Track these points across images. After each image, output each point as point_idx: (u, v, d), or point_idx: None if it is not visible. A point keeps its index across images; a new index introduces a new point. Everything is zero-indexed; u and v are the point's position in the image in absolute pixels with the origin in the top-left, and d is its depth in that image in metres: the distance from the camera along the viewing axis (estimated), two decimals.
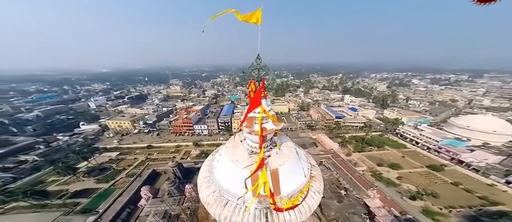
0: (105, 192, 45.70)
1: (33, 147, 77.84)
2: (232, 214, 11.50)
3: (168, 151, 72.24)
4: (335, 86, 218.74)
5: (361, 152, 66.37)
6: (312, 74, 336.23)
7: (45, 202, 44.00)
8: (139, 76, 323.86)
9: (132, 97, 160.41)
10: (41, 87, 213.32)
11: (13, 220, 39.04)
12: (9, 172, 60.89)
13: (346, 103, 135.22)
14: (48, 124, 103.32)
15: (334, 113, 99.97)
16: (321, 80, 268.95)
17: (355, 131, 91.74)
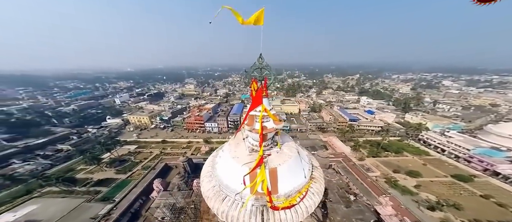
0: (122, 183, 49.38)
1: (68, 137, 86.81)
2: (229, 208, 11.86)
3: (180, 146, 75.27)
4: (350, 88, 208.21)
5: (375, 157, 62.82)
6: (326, 75, 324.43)
7: (73, 189, 48.89)
8: (158, 75, 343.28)
9: (151, 94, 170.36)
10: (78, 84, 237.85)
11: (46, 203, 43.87)
12: (48, 159, 68.70)
13: (362, 106, 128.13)
14: (81, 117, 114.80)
15: (348, 115, 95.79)
16: (335, 81, 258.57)
17: (371, 135, 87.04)
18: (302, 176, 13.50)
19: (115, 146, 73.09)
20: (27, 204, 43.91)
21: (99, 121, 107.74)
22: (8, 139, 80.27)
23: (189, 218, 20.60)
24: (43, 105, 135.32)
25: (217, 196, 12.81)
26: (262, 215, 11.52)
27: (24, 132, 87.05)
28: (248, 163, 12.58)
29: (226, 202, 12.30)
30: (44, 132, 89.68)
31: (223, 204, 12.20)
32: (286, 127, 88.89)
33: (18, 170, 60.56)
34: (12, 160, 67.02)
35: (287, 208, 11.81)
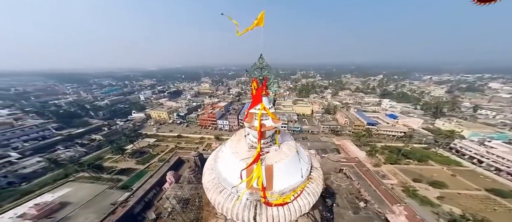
0: (140, 173, 53.89)
1: (101, 128, 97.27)
2: (225, 200, 12.51)
3: (193, 141, 79.20)
4: (371, 89, 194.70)
5: (394, 164, 58.49)
6: (345, 75, 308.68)
7: (100, 175, 54.71)
8: (177, 74, 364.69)
9: (171, 92, 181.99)
10: (111, 82, 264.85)
11: (78, 187, 49.57)
12: (84, 147, 77.79)
13: (384, 109, 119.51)
14: (112, 111, 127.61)
15: (366, 119, 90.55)
16: (354, 82, 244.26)
17: (391, 140, 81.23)
18: (299, 176, 13.60)
19: (137, 138, 79.85)
20: (63, 187, 50.04)
21: (126, 115, 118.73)
22: (57, 128, 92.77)
23: (194, 209, 21.89)
24: (84, 100, 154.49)
25: (215, 188, 13.56)
26: (255, 209, 11.95)
27: (68, 122, 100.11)
28: (246, 158, 13.08)
29: (223, 194, 12.97)
30: (83, 123, 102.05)
31: (220, 196, 12.88)
32: (297, 128, 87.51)
33: (61, 156, 69.39)
34: (58, 146, 77.34)
35: (280, 205, 12.06)
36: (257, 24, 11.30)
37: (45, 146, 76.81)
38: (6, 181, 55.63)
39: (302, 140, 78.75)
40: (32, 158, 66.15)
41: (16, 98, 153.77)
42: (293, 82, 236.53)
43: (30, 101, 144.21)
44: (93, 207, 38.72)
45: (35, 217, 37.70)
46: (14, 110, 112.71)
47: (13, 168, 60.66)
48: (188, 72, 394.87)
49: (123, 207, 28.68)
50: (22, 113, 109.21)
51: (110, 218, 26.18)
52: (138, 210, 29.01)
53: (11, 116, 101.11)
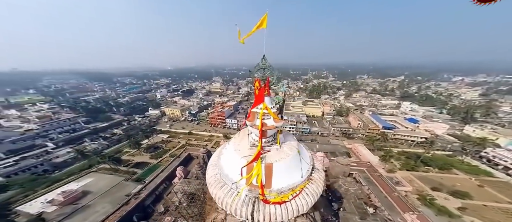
0: (153, 167, 56.92)
1: (121, 123, 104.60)
2: (225, 195, 12.99)
3: (203, 138, 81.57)
4: (390, 91, 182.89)
5: (410, 171, 54.81)
6: (361, 76, 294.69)
7: (118, 168, 58.66)
8: (191, 74, 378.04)
9: (184, 90, 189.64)
10: (132, 80, 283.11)
11: (99, 178, 53.77)
12: (106, 140, 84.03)
13: (403, 112, 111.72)
14: (131, 107, 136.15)
15: (382, 122, 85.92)
16: (371, 83, 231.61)
17: (409, 146, 76.44)
18: (299, 176, 13.64)
19: (152, 134, 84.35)
20: (87, 177, 54.53)
21: (143, 111, 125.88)
22: (85, 122, 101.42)
23: (198, 204, 22.77)
24: (108, 97, 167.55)
25: (217, 183, 14.11)
26: (253, 206, 12.26)
27: (95, 117, 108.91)
28: (247, 156, 13.43)
29: (223, 189, 13.47)
30: (106, 118, 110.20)
31: (221, 191, 13.39)
32: (305, 129, 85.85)
33: (87, 147, 75.57)
34: (85, 138, 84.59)
35: (278, 203, 12.24)
36: (260, 26, 11.65)
37: (75, 138, 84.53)
38: (42, 168, 61.96)
39: (311, 141, 77.03)
40: (64, 149, 73.12)
41: (55, 94, 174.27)
42: (303, 82, 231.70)
43: (65, 97, 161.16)
44: (109, 197, 41.90)
45: (61, 204, 41.71)
46: (53, 105, 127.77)
47: (49, 157, 67.52)
48: (200, 72, 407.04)
49: (135, 199, 30.66)
50: (59, 107, 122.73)
51: (123, 208, 28.16)
52: (149, 202, 30.82)
53: (50, 109, 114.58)
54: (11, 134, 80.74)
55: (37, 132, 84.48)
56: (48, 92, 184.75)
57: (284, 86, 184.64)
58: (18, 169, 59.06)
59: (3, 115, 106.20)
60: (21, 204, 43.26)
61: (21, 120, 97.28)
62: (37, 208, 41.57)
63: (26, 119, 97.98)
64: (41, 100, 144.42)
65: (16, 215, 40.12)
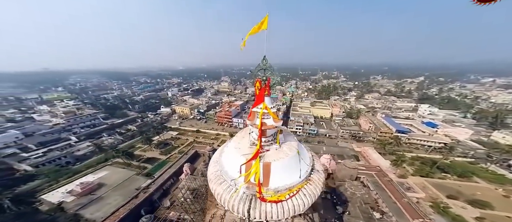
0: (162, 163, 59.26)
1: (135, 120, 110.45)
2: (224, 191, 13.37)
3: (210, 137, 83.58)
4: (407, 93, 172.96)
5: (424, 177, 51.83)
6: (374, 76, 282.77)
7: (130, 162, 61.78)
8: (201, 73, 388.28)
9: (194, 90, 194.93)
10: (147, 79, 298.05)
11: (113, 171, 57.18)
12: (121, 135, 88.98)
13: (421, 116, 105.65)
14: (145, 105, 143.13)
15: (395, 125, 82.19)
16: (385, 84, 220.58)
17: (426, 151, 72.51)
18: (297, 176, 13.67)
19: (163, 131, 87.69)
20: (102, 170, 58.08)
21: (156, 109, 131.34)
22: (104, 117, 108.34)
23: (200, 200, 23.48)
24: (125, 94, 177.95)
25: (217, 179, 14.54)
26: (250, 203, 12.51)
27: (112, 113, 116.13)
28: (247, 154, 13.71)
29: (222, 185, 13.86)
30: (122, 114, 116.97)
31: (220, 187, 13.80)
32: (312, 131, 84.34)
33: (104, 142, 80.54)
34: (103, 133, 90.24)
35: (275, 202, 12.39)
36: (261, 27, 11.89)
37: (94, 133, 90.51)
38: (65, 160, 67.12)
39: (318, 143, 75.70)
40: (84, 142, 78.51)
41: (79, 92, 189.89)
42: (313, 83, 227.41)
43: (88, 95, 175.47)
44: (121, 190, 44.37)
45: (79, 194, 44.88)
46: (77, 101, 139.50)
47: (71, 150, 72.90)
48: (210, 72, 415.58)
49: (144, 193, 32.23)
50: (82, 104, 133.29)
51: (133, 201, 29.76)
52: (156, 196, 32.26)
53: (75, 106, 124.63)
54: (42, 127, 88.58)
55: (63, 126, 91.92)
56: (74, 90, 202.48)
57: (292, 86, 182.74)
58: (45, 160, 64.49)
59: (36, 110, 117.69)
60: (45, 193, 47.10)
61: (50, 115, 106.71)
62: (58, 197, 45.03)
63: (54, 114, 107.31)
64: (67, 97, 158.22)
65: (40, 203, 43.78)
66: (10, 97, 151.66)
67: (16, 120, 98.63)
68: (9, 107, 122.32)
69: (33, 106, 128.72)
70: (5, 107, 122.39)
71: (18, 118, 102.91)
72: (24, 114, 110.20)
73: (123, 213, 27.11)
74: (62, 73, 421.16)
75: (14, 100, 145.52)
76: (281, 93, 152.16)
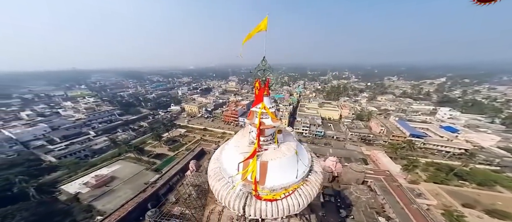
0: (170, 159, 61.29)
1: (147, 117, 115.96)
2: (221, 187, 13.78)
3: (216, 135, 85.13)
4: (425, 95, 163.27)
5: (438, 184, 48.91)
6: (389, 77, 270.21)
7: (141, 157, 64.61)
8: (210, 73, 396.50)
9: (202, 89, 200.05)
10: (159, 78, 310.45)
11: (125, 165, 60.28)
12: (134, 131, 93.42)
13: (439, 119, 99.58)
14: (157, 103, 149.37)
15: (409, 129, 78.26)
16: (401, 85, 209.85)
17: (443, 157, 68.59)
18: (293, 176, 13.73)
19: (172, 128, 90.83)
20: (116, 164, 61.29)
21: (166, 107, 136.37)
22: (119, 114, 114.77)
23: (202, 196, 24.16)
24: (139, 92, 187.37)
25: (216, 176, 15.00)
26: (245, 200, 12.80)
27: (127, 110, 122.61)
28: (245, 152, 13.99)
29: (221, 182, 14.27)
30: (136, 111, 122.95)
31: (218, 183, 14.22)
32: (319, 132, 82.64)
33: (119, 137, 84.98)
34: (118, 129, 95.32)
35: (270, 200, 12.58)
36: (260, 29, 12.13)
37: (110, 128, 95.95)
38: (84, 153, 71.81)
39: (324, 145, 74.13)
40: (101, 137, 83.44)
41: (99, 89, 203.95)
42: (322, 83, 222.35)
43: (107, 92, 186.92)
44: (131, 184, 46.60)
45: (94, 186, 47.78)
46: (97, 98, 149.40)
47: (90, 144, 77.90)
48: (219, 71, 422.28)
49: (152, 188, 33.75)
50: (101, 101, 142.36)
51: (141, 195, 31.29)
52: (163, 191, 33.64)
53: (95, 102, 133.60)
54: (66, 121, 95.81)
55: (84, 121, 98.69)
56: (94, 87, 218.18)
57: (299, 87, 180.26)
58: (67, 152, 69.42)
59: (62, 105, 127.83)
60: (64, 184, 50.69)
61: (73, 110, 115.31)
62: (75, 188, 48.32)
63: (77, 110, 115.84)
64: (89, 94, 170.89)
65: (60, 193, 47.23)
66: (42, 94, 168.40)
67: (45, 114, 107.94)
68: (40, 103, 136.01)
69: (60, 102, 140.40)
70: (37, 103, 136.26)
71: (47, 112, 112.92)
72: (52, 109, 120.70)
73: (131, 206, 28.61)
74: (86, 72, 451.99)
75: (44, 97, 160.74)
76: (288, 93, 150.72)
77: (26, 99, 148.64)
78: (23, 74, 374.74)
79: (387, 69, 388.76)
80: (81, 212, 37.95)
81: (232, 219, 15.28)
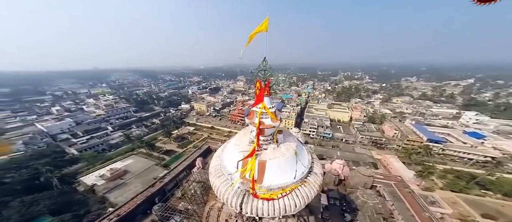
0: (178, 155, 63.60)
1: (159, 114, 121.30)
2: (220, 184, 14.15)
3: (223, 133, 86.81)
4: (448, 97, 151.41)
5: (456, 192, 45.72)
6: (407, 78, 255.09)
7: (151, 153, 67.45)
8: (218, 72, 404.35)
9: (211, 88, 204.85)
10: (171, 77, 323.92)
11: (137, 160, 63.17)
12: (147, 128, 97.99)
13: (464, 124, 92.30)
14: (168, 101, 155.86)
15: (427, 134, 73.67)
16: (420, 87, 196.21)
17: (464, 164, 64.14)
18: (291, 177, 13.73)
19: (182, 126, 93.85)
20: (129, 158, 64.48)
21: (177, 105, 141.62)
22: (134, 111, 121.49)
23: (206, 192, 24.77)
24: (152, 91, 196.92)
25: (216, 172, 15.42)
26: (243, 197, 13.05)
27: (141, 107, 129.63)
28: (245, 151, 14.25)
29: (220, 179, 14.66)
30: (149, 109, 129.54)
31: (218, 180, 14.62)
32: (327, 134, 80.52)
33: (133, 133, 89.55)
34: (132, 125, 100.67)
35: (266, 199, 12.71)
36: (261, 30, 12.31)
37: (126, 124, 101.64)
38: (101, 147, 76.67)
39: (332, 147, 72.18)
40: (117, 132, 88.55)
41: (117, 88, 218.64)
42: (332, 84, 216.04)
43: (124, 90, 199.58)
44: (142, 178, 48.94)
45: (109, 179, 50.77)
46: (115, 96, 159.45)
47: (107, 139, 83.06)
48: (227, 71, 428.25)
49: (160, 183, 35.18)
50: (119, 98, 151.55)
51: (149, 189, 32.79)
52: (170, 187, 34.89)
53: (113, 100, 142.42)
54: (88, 117, 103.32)
55: (103, 117, 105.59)
56: (114, 86, 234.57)
57: (308, 87, 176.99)
58: (87, 146, 74.60)
59: (86, 102, 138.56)
60: (83, 176, 54.44)
61: (95, 107, 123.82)
62: (92, 180, 51.68)
63: (98, 106, 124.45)
64: (108, 92, 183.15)
65: (78, 184, 50.81)
66: (69, 91, 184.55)
67: (71, 110, 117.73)
68: (67, 99, 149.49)
69: (84, 99, 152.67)
70: (65, 99, 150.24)
71: (73, 108, 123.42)
72: (77, 105, 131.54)
73: (140, 200, 30.12)
74: (106, 71, 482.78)
75: (71, 94, 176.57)
76: (296, 94, 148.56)
77: (57, 96, 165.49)
78: (54, 73, 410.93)
79: (405, 70, 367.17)
80: (95, 203, 40.62)
81: (230, 216, 15.63)
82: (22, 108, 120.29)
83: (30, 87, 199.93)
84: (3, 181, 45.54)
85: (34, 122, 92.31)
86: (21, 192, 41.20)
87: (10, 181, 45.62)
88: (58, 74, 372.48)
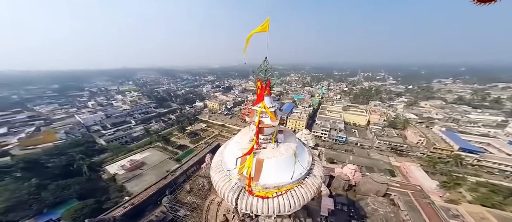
0: (190, 150, 66.50)
1: (176, 111, 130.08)
2: (219, 179, 14.71)
3: (232, 131, 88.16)
4: (492, 102, 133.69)
5: (487, 207, 40.62)
6: (440, 79, 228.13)
7: (166, 147, 71.51)
8: (232, 72, 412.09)
9: (224, 87, 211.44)
10: (188, 76, 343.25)
11: (153, 153, 67.52)
12: (164, 123, 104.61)
13: (509, 134, 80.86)
14: (184, 98, 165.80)
15: (459, 142, 66.48)
16: (456, 89, 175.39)
17: (505, 178, 57.30)
18: (288, 177, 13.72)
19: (195, 122, 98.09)
20: (147, 151, 69.23)
21: (192, 103, 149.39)
22: (154, 107, 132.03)
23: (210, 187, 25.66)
24: (170, 89, 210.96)
25: (217, 168, 16.03)
26: (239, 193, 13.41)
27: (160, 104, 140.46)
28: (244, 149, 14.59)
29: (220, 174, 15.22)
30: (167, 105, 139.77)
31: (217, 175, 15.21)
32: (341, 138, 76.77)
33: (152, 127, 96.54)
34: (152, 120, 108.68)
35: (261, 197, 12.89)
36: (262, 30, 12.53)
37: (146, 119, 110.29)
38: (125, 139, 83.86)
39: (345, 152, 68.79)
40: (139, 126, 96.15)
41: (141, 85, 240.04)
42: (349, 85, 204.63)
43: (147, 88, 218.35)
44: (156, 171, 52.24)
45: (128, 169, 55.14)
46: (139, 93, 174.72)
47: (130, 132, 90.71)
48: (240, 70, 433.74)
49: (171, 175, 37.25)
50: (142, 95, 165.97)
51: (161, 182, 34.96)
52: (181, 180, 36.72)
53: (137, 96, 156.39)
54: (116, 111, 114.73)
55: (128, 111, 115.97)
56: (138, 83, 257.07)
57: (323, 87, 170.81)
58: (113, 137, 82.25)
59: (115, 98, 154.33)
60: (108, 165, 59.89)
61: (122, 102, 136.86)
62: (114, 169, 56.66)
63: (124, 102, 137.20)
64: (134, 89, 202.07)
65: (103, 172, 56.04)
66: (102, 88, 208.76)
67: (103, 104, 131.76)
68: (101, 95, 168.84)
69: (114, 95, 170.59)
70: (99, 95, 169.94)
71: (104, 103, 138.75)
72: (108, 100, 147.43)
73: (152, 191, 32.34)
74: (133, 70, 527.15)
75: (104, 90, 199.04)
76: (309, 94, 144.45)
77: (92, 92, 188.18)
78: (90, 72, 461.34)
79: (440, 70, 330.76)
80: (115, 191, 44.50)
81: (228, 211, 16.12)
82: (66, 102, 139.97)
83: (73, 83, 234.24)
84: (47, 165, 52.29)
85: (74, 114, 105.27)
86: (58, 176, 46.92)
87: (52, 166, 52.26)
88: (95, 73, 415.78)
